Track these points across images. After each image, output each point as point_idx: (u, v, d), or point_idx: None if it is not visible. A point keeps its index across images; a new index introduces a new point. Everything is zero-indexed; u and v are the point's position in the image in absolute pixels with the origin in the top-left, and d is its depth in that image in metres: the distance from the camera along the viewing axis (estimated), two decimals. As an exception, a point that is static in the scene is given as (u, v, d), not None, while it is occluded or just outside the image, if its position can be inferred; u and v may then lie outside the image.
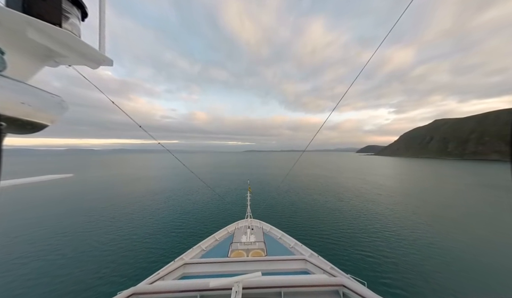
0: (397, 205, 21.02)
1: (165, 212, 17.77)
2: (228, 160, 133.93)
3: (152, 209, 18.82)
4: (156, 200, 22.19)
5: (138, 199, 22.84)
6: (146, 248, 10.96)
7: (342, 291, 3.01)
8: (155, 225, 14.56)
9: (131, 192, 26.63)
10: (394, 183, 37.00)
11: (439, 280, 8.53)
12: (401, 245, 11.70)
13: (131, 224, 14.70)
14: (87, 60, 1.18)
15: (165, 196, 24.64)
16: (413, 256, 10.30)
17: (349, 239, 12.45)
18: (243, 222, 9.40)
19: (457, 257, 10.39)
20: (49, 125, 0.96)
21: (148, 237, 12.46)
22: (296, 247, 6.96)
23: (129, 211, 18.10)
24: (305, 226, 14.78)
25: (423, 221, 16.12)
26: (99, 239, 12.25)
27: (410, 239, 12.48)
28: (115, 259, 9.83)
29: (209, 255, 6.46)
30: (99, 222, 15.40)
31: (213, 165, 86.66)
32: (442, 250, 11.05)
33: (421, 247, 11.38)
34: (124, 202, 21.42)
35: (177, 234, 12.94)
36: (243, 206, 11.78)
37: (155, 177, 43.90)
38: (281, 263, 4.60)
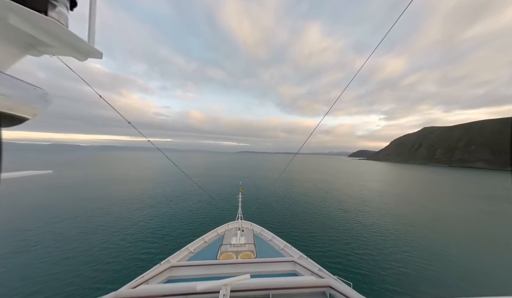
0: (385, 210, 21.59)
1: (152, 213, 17.23)
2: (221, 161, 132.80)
3: (138, 210, 18.16)
4: (142, 201, 21.43)
5: (122, 199, 21.79)
6: (130, 251, 10.57)
7: (329, 293, 3.09)
8: (141, 227, 14.06)
9: (114, 192, 25.51)
10: (384, 188, 38.02)
11: (421, 280, 8.86)
12: (385, 247, 12.05)
13: (114, 226, 14.01)
14: (74, 52, 1.12)
15: (153, 196, 23.87)
16: (396, 257, 10.63)
17: (337, 241, 12.70)
18: (234, 224, 9.32)
19: (439, 258, 10.83)
20: (30, 119, 0.90)
21: (133, 239, 12.01)
22: (286, 249, 6.98)
23: (111, 212, 17.19)
24: (296, 228, 14.92)
25: (409, 225, 16.67)
26: (76, 241, 11.51)
27: (394, 242, 12.88)
28: (95, 263, 9.30)
29: (197, 258, 6.34)
30: (77, 222, 14.57)
31: (206, 165, 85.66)
32: (425, 252, 11.47)
33: (404, 249, 11.76)
34: (106, 202, 20.36)
35: (164, 236, 12.56)
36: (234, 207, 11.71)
37: (143, 177, 42.54)
38: (270, 265, 4.64)
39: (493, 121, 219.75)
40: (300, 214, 18.69)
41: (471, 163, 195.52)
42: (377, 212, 20.09)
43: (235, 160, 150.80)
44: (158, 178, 40.69)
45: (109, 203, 20.19)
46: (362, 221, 17.11)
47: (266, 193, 27.01)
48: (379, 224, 16.30)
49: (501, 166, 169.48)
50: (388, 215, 19.12)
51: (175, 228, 14.03)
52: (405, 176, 65.59)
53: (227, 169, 67.15)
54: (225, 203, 21.67)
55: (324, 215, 18.40)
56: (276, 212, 18.96)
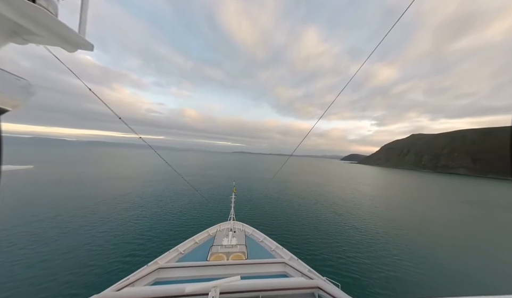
0: (375, 213, 22.13)
1: (141, 214, 16.58)
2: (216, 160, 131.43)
3: (125, 210, 17.38)
4: (130, 201, 20.55)
5: (108, 198, 20.78)
6: (114, 253, 10.03)
7: (318, 294, 3.14)
8: (128, 228, 13.44)
9: (101, 191, 24.28)
10: (375, 192, 39.13)
11: (408, 281, 9.09)
12: (375, 249, 12.29)
13: (98, 227, 13.23)
14: (62, 42, 1.06)
15: (142, 196, 22.99)
16: (386, 260, 10.85)
17: (328, 243, 12.83)
18: (225, 225, 9.21)
19: (426, 260, 11.18)
20: (10, 110, 0.86)
21: (118, 240, 11.43)
22: (277, 250, 6.97)
23: (96, 212, 16.28)
24: (288, 229, 14.93)
25: (398, 228, 17.16)
26: (54, 242, 10.79)
27: (384, 245, 13.19)
28: (74, 266, 8.71)
29: (187, 259, 6.18)
30: (57, 222, 13.71)
31: (200, 164, 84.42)
32: (412, 255, 11.80)
33: (394, 252, 12.06)
34: (91, 201, 19.32)
35: (153, 238, 12.08)
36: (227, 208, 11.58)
37: (133, 175, 41.00)
38: (261, 267, 4.63)
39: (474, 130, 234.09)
40: (293, 215, 18.76)
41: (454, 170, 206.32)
42: (368, 215, 20.54)
43: (230, 160, 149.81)
44: (149, 176, 39.44)
45: (94, 201, 19.23)
46: (353, 224, 17.41)
47: (260, 195, 26.95)
48: (370, 227, 16.67)
49: (480, 173, 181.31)
50: (378, 219, 19.61)
51: (165, 229, 13.56)
52: (394, 181, 67.97)
53: (221, 169, 66.50)
54: (217, 204, 21.34)
55: (317, 218, 18.56)
56: (269, 213, 18.91)
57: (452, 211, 26.35)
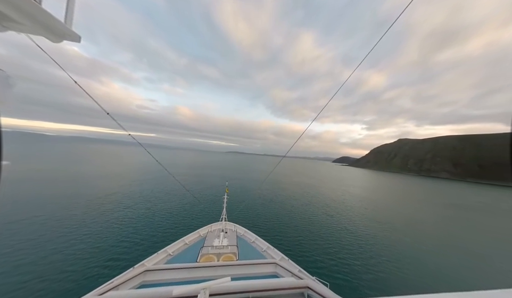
0: (364, 215, 22.79)
1: (127, 215, 15.75)
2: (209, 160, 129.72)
3: (110, 211, 16.36)
4: (116, 201, 19.49)
5: (91, 199, 19.37)
6: (98, 256, 9.44)
7: (307, 293, 3.17)
8: (112, 230, 12.66)
9: (83, 190, 22.73)
10: (364, 194, 40.44)
11: (393, 279, 9.44)
12: (365, 250, 12.63)
13: (77, 230, 12.25)
14: (47, 32, 0.99)
15: (130, 195, 21.91)
16: (373, 262, 11.17)
17: (319, 244, 13.02)
18: (217, 225, 9.10)
19: (410, 260, 11.66)
20: None
21: (101, 244, 10.74)
22: (268, 251, 6.98)
23: (75, 213, 15.04)
24: (280, 230, 15.00)
25: (386, 230, 17.77)
26: (31, 245, 9.93)
27: (372, 245, 13.60)
28: (54, 270, 8.06)
29: (176, 260, 6.02)
30: (29, 225, 12.61)
31: (193, 164, 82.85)
32: (399, 255, 12.27)
33: (381, 253, 12.45)
34: (71, 201, 17.97)
35: (140, 241, 11.49)
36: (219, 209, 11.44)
37: (120, 173, 38.99)
38: (252, 267, 4.60)
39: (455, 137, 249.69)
40: (285, 216, 18.86)
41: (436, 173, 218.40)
42: (357, 217, 21.12)
43: (223, 160, 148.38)
44: (138, 175, 37.86)
45: (75, 202, 17.95)
46: (343, 225, 17.82)
47: (253, 195, 26.89)
48: (359, 228, 17.13)
49: (460, 177, 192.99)
50: (367, 220, 20.22)
51: (153, 231, 12.98)
52: (382, 183, 70.65)
53: (214, 169, 65.61)
54: (209, 204, 20.95)
55: (309, 219, 18.80)
56: (261, 214, 18.88)
57: (434, 213, 27.81)
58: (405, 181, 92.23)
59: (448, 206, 34.34)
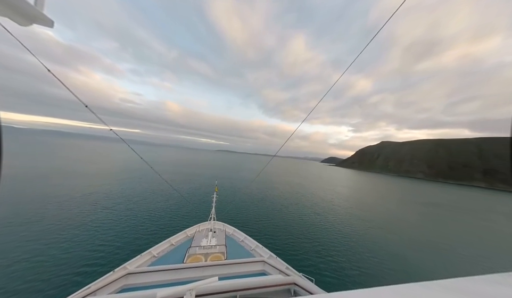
0: (350, 213, 23.76)
1: (108, 216, 14.65)
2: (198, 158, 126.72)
3: (86, 213, 14.98)
4: (94, 202, 17.92)
5: (64, 200, 17.51)
6: (71, 262, 8.61)
7: (293, 289, 3.23)
8: (90, 233, 11.66)
9: (54, 190, 20.65)
10: (350, 193, 42.32)
11: (375, 272, 9.97)
12: (352, 247, 13.17)
13: (46, 235, 10.97)
14: (13, 14, 0.90)
15: (109, 195, 20.33)
16: (357, 257, 11.70)
17: (307, 241, 13.32)
18: (205, 225, 8.91)
19: (391, 255, 12.38)
20: None
21: (77, 248, 9.83)
22: (257, 250, 6.99)
23: (44, 217, 13.47)
24: (269, 229, 15.08)
25: (370, 227, 18.70)
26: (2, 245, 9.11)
27: (356, 242, 14.23)
28: (22, 277, 7.34)
29: (161, 262, 5.77)
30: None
31: (181, 162, 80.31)
32: (381, 250, 12.95)
33: (362, 247, 13.11)
34: (39, 204, 15.97)
35: (123, 241, 10.80)
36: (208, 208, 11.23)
37: (99, 172, 36.03)
38: (240, 266, 4.57)
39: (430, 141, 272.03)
40: (274, 215, 19.00)
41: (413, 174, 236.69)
42: (343, 215, 21.96)
43: (213, 158, 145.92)
44: (120, 173, 35.49)
45: (43, 204, 15.93)
46: (331, 223, 18.42)
47: (242, 194, 26.75)
48: (345, 226, 17.82)
49: (433, 178, 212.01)
50: (352, 218, 21.12)
51: (136, 233, 12.15)
52: (366, 183, 74.69)
53: (204, 168, 64.21)
54: (198, 204, 20.36)
55: (298, 217, 19.13)
56: (251, 213, 18.84)
57: (411, 210, 30.07)
58: (386, 181, 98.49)
59: (423, 204, 37.38)
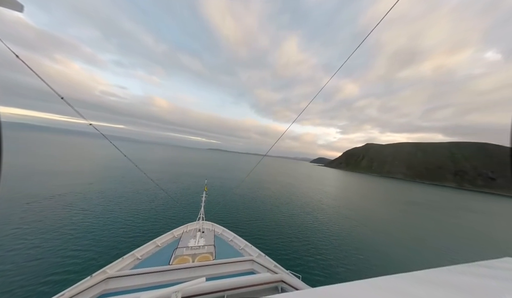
0: (338, 212, 24.60)
1: (84, 219, 13.45)
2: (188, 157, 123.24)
3: (59, 216, 13.61)
4: (69, 203, 16.33)
5: (32, 201, 15.77)
6: (46, 265, 7.94)
7: (281, 287, 3.29)
8: (64, 236, 10.68)
9: (24, 190, 18.87)
10: (337, 192, 43.91)
11: (358, 266, 10.53)
12: (339, 244, 13.60)
13: (16, 239, 10.00)
14: None
15: (87, 196, 18.69)
16: (342, 255, 12.12)
17: (295, 240, 13.56)
18: (193, 225, 8.69)
19: (371, 248, 13.06)
20: None
21: (48, 252, 8.97)
22: (246, 249, 6.95)
23: (7, 221, 11.98)
24: (258, 228, 15.10)
25: (352, 224, 19.50)
26: None
27: (343, 240, 14.76)
28: None
29: (145, 265, 5.49)
30: None
31: (169, 160, 77.51)
32: (362, 245, 13.56)
33: (348, 243, 13.63)
34: (6, 205, 14.41)
35: (102, 245, 10.03)
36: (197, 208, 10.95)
37: (76, 169, 33.35)
38: (229, 266, 4.53)
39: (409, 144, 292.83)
40: (264, 214, 19.05)
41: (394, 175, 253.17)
42: (332, 214, 22.68)
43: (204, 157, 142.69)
44: (100, 172, 33.02)
45: (9, 205, 14.22)
46: (319, 221, 18.90)
47: (233, 194, 26.46)
48: (332, 225, 18.40)
49: (411, 178, 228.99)
50: (340, 217, 21.89)
51: (117, 237, 11.22)
52: (352, 183, 78.14)
53: (193, 166, 62.52)
54: (186, 203, 19.72)
55: (288, 216, 19.36)
56: (241, 212, 18.71)
57: (391, 209, 32.10)
58: (370, 181, 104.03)
59: (403, 203, 40.12)
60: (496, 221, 32.75)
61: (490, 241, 20.50)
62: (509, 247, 19.43)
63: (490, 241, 20.53)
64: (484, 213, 41.00)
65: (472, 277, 0.92)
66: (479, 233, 23.24)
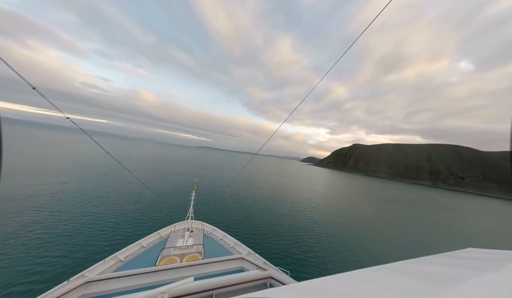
0: (327, 210, 25.39)
1: (59, 221, 12.29)
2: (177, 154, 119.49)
3: (34, 216, 12.57)
4: (41, 205, 14.94)
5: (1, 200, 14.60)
6: (8, 275, 7.17)
7: (269, 283, 3.34)
8: (34, 241, 9.72)
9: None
10: (326, 191, 45.33)
11: (344, 261, 11.09)
12: (329, 241, 14.05)
13: None
14: None
15: (63, 196, 17.09)
16: (331, 252, 12.54)
17: (285, 237, 13.79)
18: (182, 224, 8.44)
19: (356, 243, 13.68)
20: None
21: (15, 258, 8.15)
22: (236, 247, 6.90)
23: None
24: (249, 226, 15.13)
25: (340, 222, 20.30)
26: None
27: (331, 236, 15.27)
28: None
29: (129, 267, 5.22)
30: None
31: (157, 158, 74.54)
32: (348, 242, 14.17)
33: (335, 240, 14.16)
34: None
35: (78, 251, 9.21)
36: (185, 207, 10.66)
37: (51, 167, 30.77)
38: (218, 265, 4.47)
39: (391, 145, 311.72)
40: (255, 212, 19.11)
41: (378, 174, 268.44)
42: (320, 212, 23.34)
43: (194, 155, 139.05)
44: (77, 170, 30.26)
45: None
46: (309, 219, 19.37)
47: (223, 192, 26.16)
48: (321, 222, 18.96)
49: (392, 177, 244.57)
50: (328, 214, 22.62)
51: (97, 241, 10.34)
52: (339, 182, 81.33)
53: (183, 164, 60.78)
54: (175, 203, 19.10)
55: (278, 214, 19.59)
56: (232, 211, 18.58)
57: (374, 206, 33.99)
58: (356, 180, 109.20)
59: (385, 201, 42.68)
60: (464, 217, 36.24)
61: (459, 235, 22.76)
62: (472, 239, 21.88)
63: (459, 235, 22.79)
64: (456, 209, 45.24)
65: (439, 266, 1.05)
66: (451, 228, 25.58)
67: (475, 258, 1.33)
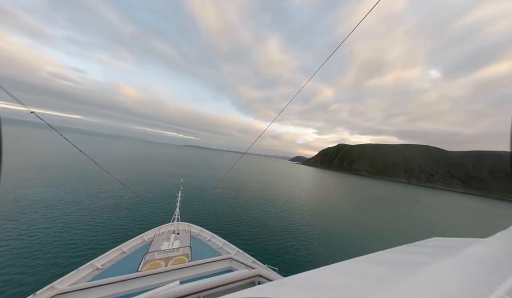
0: (315, 209, 26.19)
1: (20, 230, 10.79)
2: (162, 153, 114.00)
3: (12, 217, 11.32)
4: (20, 205, 13.65)
5: None
6: None
7: (257, 281, 3.34)
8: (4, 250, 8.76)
9: None
10: (314, 189, 46.93)
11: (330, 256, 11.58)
12: (318, 238, 14.43)
13: None
14: None
15: (22, 201, 15.43)
16: (320, 249, 12.97)
17: (274, 236, 13.92)
18: (167, 227, 8.05)
19: (341, 238, 14.38)
20: None
21: None
22: (224, 247, 6.77)
23: None
24: (237, 226, 15.00)
25: (327, 219, 21.08)
26: None
27: (319, 233, 15.74)
28: None
29: (108, 275, 4.81)
30: None
31: (139, 157, 70.36)
32: (334, 238, 14.82)
33: (322, 237, 14.65)
34: None
35: (45, 261, 8.28)
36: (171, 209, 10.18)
37: (9, 167, 27.45)
38: (205, 266, 4.34)
39: (372, 145, 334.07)
40: (244, 212, 19.01)
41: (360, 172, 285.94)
42: (308, 210, 23.99)
43: (180, 154, 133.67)
44: (43, 171, 26.83)
45: None
46: (297, 217, 19.77)
47: (211, 193, 25.59)
48: (308, 219, 19.47)
49: (373, 175, 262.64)
50: (314, 212, 23.33)
51: (67, 251, 9.28)
52: (325, 180, 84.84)
53: (167, 164, 58.10)
54: (159, 205, 18.16)
55: (266, 213, 19.70)
56: (220, 211, 18.25)
57: (356, 202, 36.15)
58: (340, 178, 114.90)
59: (367, 197, 45.70)
60: (432, 210, 40.26)
61: (427, 226, 25.42)
62: (437, 229, 24.84)
63: (427, 226, 25.46)
64: (425, 203, 50.09)
65: (407, 255, 1.22)
66: (421, 220, 28.27)
67: (438, 246, 1.50)
